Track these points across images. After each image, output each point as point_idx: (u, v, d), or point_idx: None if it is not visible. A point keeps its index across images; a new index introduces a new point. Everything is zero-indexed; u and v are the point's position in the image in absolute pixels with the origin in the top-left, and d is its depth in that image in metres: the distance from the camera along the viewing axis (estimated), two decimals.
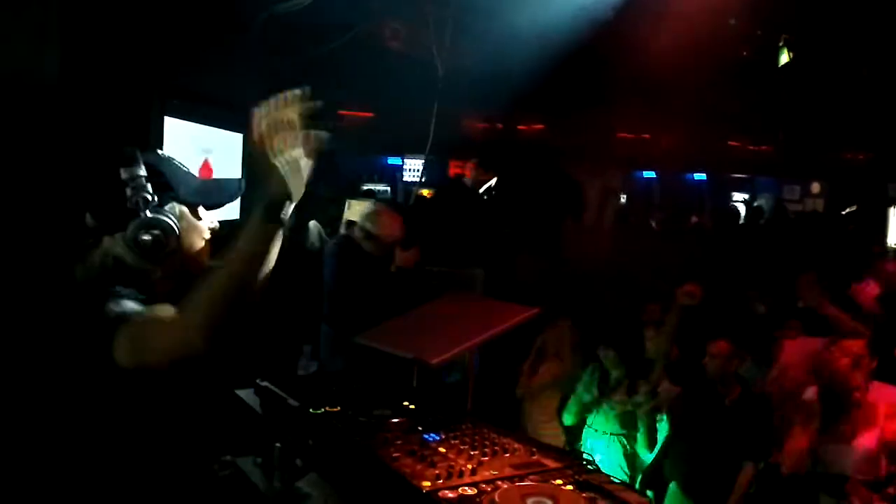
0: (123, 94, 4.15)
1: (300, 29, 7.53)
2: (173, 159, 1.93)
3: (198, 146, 4.57)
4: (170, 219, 1.85)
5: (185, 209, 1.94)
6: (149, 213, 1.82)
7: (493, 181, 13.19)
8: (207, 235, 2.01)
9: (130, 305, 1.78)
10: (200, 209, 2.00)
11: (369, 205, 7.38)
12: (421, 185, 12.01)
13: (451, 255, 6.44)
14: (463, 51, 7.08)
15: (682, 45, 7.45)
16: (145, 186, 1.82)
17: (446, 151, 11.87)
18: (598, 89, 8.51)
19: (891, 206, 12.54)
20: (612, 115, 9.10)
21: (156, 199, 1.85)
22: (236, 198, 2.08)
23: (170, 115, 4.12)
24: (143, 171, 1.84)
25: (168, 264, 1.88)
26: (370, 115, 8.53)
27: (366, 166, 14.41)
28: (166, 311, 1.76)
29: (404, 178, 15.20)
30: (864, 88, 10.02)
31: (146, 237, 1.81)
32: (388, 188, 14.49)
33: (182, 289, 1.76)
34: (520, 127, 9.29)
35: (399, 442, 2.31)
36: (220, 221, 2.05)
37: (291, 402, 2.54)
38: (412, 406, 2.66)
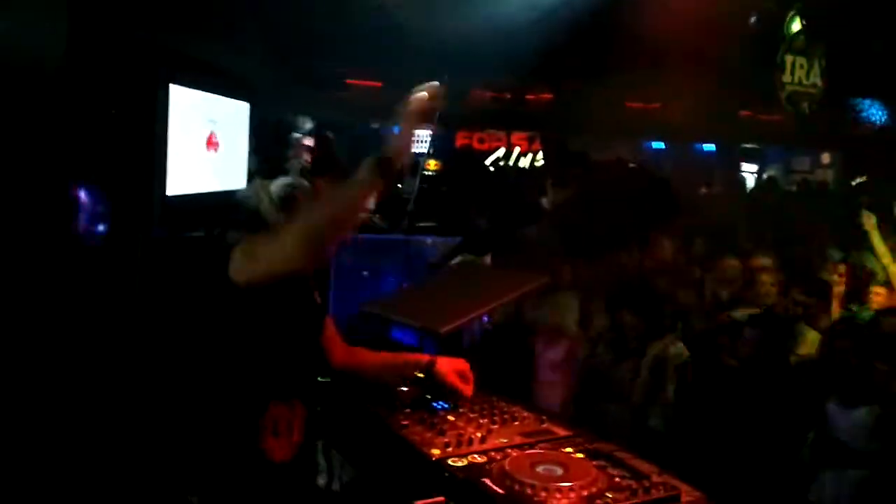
0: (129, 62, 4.13)
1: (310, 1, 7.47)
2: (335, 142, 2.27)
3: (204, 117, 4.53)
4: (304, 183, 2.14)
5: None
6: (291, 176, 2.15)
7: (501, 151, 13.10)
8: None
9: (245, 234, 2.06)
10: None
11: None
12: (429, 156, 11.98)
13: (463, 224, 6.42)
14: (471, 19, 6.99)
15: (691, 12, 7.34)
16: (301, 154, 2.15)
17: (455, 122, 11.81)
18: (607, 58, 8.40)
19: None
20: (621, 84, 8.99)
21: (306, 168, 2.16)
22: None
23: (176, 84, 4.08)
24: (307, 141, 2.14)
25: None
26: (378, 84, 8.45)
27: (374, 137, 14.35)
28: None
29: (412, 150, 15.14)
30: (874, 58, 9.89)
31: (282, 192, 2.11)
32: None
33: None
34: (528, 97, 9.20)
35: (408, 410, 2.31)
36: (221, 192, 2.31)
37: None
38: (421, 375, 2.65)
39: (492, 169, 14.27)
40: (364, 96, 8.36)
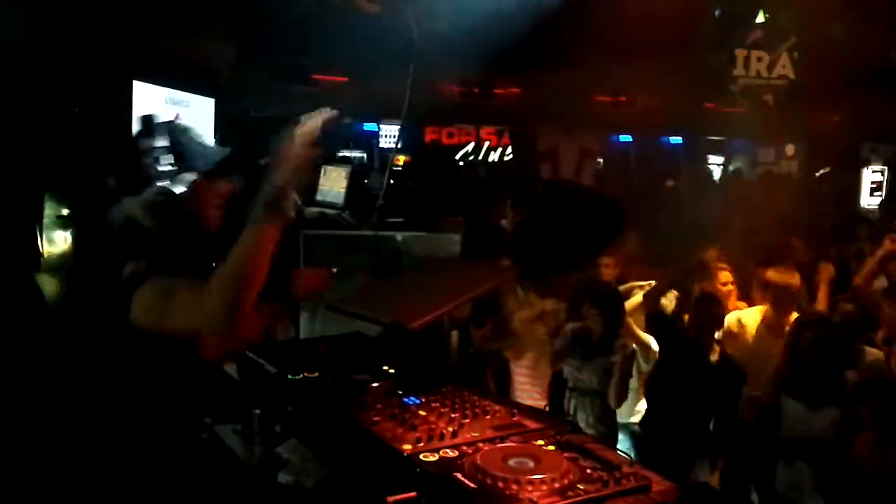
0: (93, 58, 4.05)
1: None
2: (191, 130, 2.06)
3: (168, 113, 4.47)
4: (180, 186, 1.97)
5: (198, 177, 2.06)
6: (162, 181, 1.96)
7: (471, 146, 13.10)
8: (220, 202, 2.14)
9: (147, 268, 1.93)
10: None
11: (345, 170, 7.34)
12: (397, 151, 11.94)
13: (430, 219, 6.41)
14: (438, 13, 6.97)
15: (658, 4, 7.40)
16: (160, 157, 1.95)
17: (423, 117, 11.78)
18: (574, 51, 8.44)
19: (863, 167, 12.66)
20: (588, 77, 9.04)
21: (173, 167, 1.99)
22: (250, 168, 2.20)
23: (139, 80, 4.02)
24: (160, 143, 1.97)
25: (182, 229, 2.01)
26: (344, 79, 8.40)
27: (341, 132, 14.26)
28: (184, 283, 1.87)
29: (380, 145, 15.09)
30: (838, 49, 10.05)
31: (158, 199, 1.96)
32: (364, 155, 14.38)
33: (198, 254, 1.92)
34: (496, 91, 9.20)
35: (379, 406, 2.30)
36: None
37: (269, 368, 2.51)
38: (391, 370, 2.64)
39: (461, 164, 14.28)
40: (330, 91, 8.30)
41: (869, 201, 12.07)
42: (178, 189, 1.98)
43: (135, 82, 4.02)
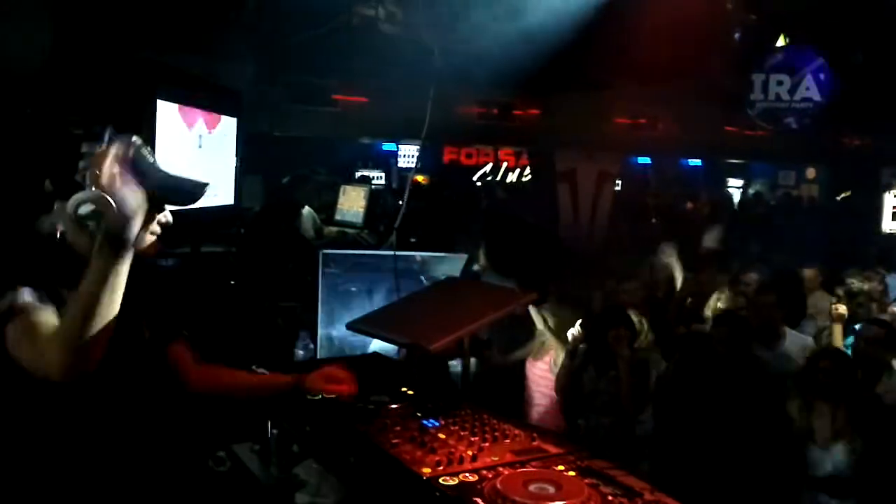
0: (115, 76, 4.09)
1: (293, 12, 7.46)
2: (143, 147, 1.85)
3: (192, 132, 4.51)
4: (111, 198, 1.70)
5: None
6: (93, 190, 1.76)
7: (489, 167, 13.11)
8: (157, 229, 2.00)
9: (26, 298, 1.76)
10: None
11: (364, 190, 7.37)
12: (416, 171, 11.99)
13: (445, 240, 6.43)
14: (459, 34, 7.01)
15: (678, 28, 7.39)
16: (100, 166, 1.73)
17: (441, 137, 11.81)
18: (594, 73, 8.45)
19: (885, 191, 12.54)
20: (608, 99, 9.05)
21: None
22: (192, 202, 2.02)
23: (161, 99, 4.05)
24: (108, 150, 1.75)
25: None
26: (364, 99, 8.44)
27: (360, 152, 14.35)
28: (51, 318, 1.73)
29: (399, 164, 15.16)
30: (859, 73, 10.01)
31: (84, 210, 1.77)
32: (383, 174, 14.45)
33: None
34: (516, 112, 9.22)
35: (398, 428, 2.28)
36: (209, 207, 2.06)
37: None
38: (410, 392, 2.63)
39: (479, 184, 14.31)
40: (351, 111, 8.35)
41: (891, 226, 11.95)
42: (102, 198, 1.73)
43: (159, 102, 4.03)
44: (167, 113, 4.12)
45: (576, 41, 7.33)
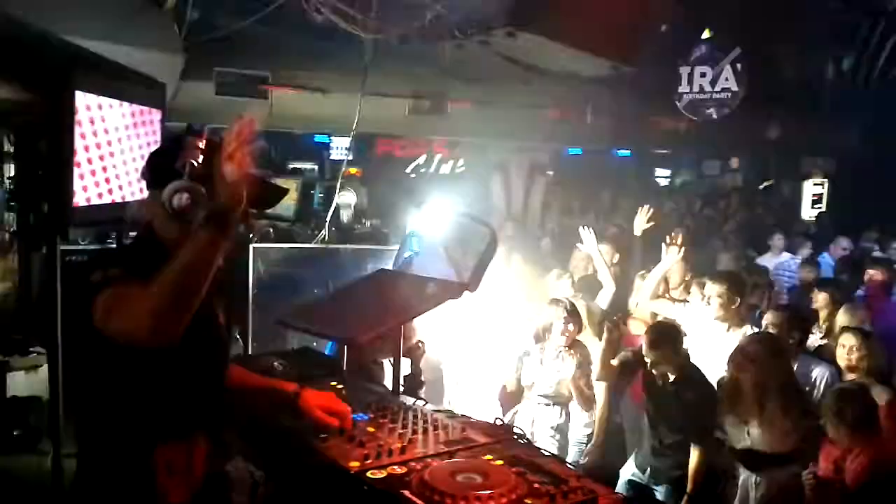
0: (34, 65, 3.95)
1: (223, 2, 7.32)
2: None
3: (112, 124, 4.37)
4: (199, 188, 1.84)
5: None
6: (186, 180, 1.85)
7: (422, 159, 13.12)
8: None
9: (115, 273, 1.84)
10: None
11: (295, 183, 7.29)
12: (348, 163, 11.88)
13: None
14: (390, 27, 6.98)
15: (606, 19, 7.52)
16: (196, 156, 1.85)
17: (375, 129, 11.74)
18: (524, 64, 8.53)
19: (804, 179, 13.02)
20: (539, 91, 9.13)
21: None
22: (273, 206, 2.24)
23: (82, 90, 3.92)
24: (200, 143, 1.87)
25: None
26: (296, 91, 8.33)
27: (292, 144, 14.14)
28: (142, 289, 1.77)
29: (331, 157, 14.99)
30: (780, 65, 10.36)
31: (179, 200, 1.84)
32: (316, 167, 14.27)
33: None
34: (449, 104, 9.22)
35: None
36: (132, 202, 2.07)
37: None
38: (340, 386, 2.62)
39: (412, 176, 14.29)
40: (282, 103, 8.23)
41: (810, 213, 12.40)
42: (195, 187, 1.85)
43: (78, 93, 3.89)
44: (85, 103, 3.98)
45: (505, 33, 7.40)
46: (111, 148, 4.20)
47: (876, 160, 11.35)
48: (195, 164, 1.84)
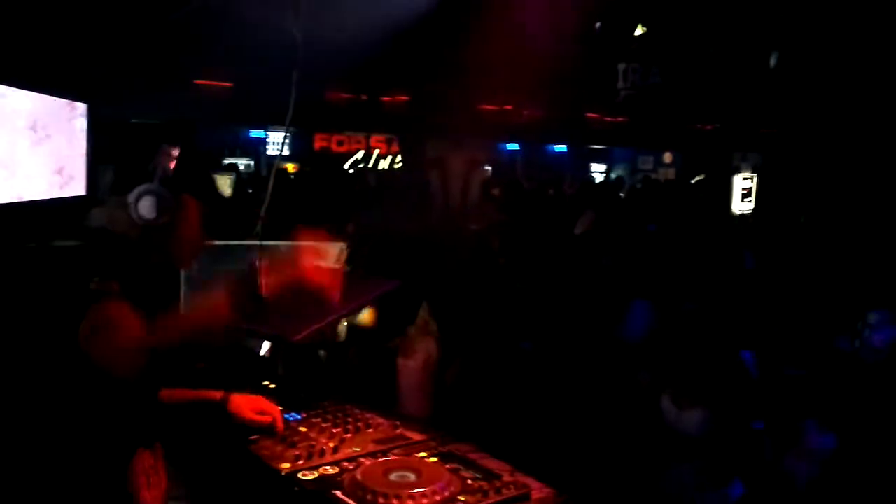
0: None
1: None
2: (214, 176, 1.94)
3: (30, 117, 4.21)
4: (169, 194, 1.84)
5: (194, 204, 2.00)
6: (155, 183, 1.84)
7: (361, 154, 13.05)
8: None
9: (111, 288, 1.82)
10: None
11: (230, 179, 7.16)
12: (284, 158, 11.74)
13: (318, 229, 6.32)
14: (324, 19, 6.91)
15: (540, 17, 7.58)
16: (169, 164, 1.89)
17: (312, 124, 11.63)
18: (461, 60, 8.54)
19: (735, 174, 13.37)
20: (475, 86, 9.16)
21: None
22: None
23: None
24: (174, 151, 1.92)
25: (156, 245, 1.93)
26: (228, 84, 8.19)
27: (227, 139, 13.91)
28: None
29: (268, 152, 14.79)
30: (711, 61, 10.59)
31: (145, 200, 1.83)
32: (252, 162, 14.07)
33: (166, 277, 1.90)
34: (384, 98, 9.19)
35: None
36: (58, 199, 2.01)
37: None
38: (272, 385, 2.57)
39: (351, 171, 14.19)
40: (214, 96, 8.08)
41: (740, 207, 12.73)
42: (162, 191, 1.84)
43: None
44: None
45: (441, 28, 7.39)
46: (25, 141, 4.05)
47: (804, 154, 11.72)
48: (167, 170, 1.82)
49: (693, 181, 13.94)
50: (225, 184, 7.16)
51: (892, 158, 9.51)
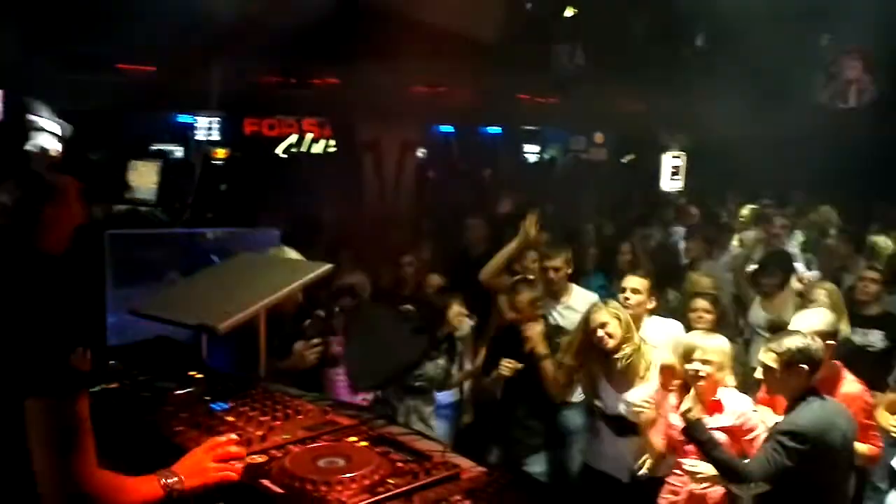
0: None
1: None
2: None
3: None
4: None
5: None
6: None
7: (293, 138, 12.85)
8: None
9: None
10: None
11: (156, 166, 6.95)
12: (213, 143, 11.46)
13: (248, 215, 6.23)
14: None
15: None
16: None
17: (241, 108, 11.37)
18: (392, 42, 8.46)
19: (663, 152, 13.62)
20: (406, 68, 9.10)
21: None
22: None
23: None
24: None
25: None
26: (151, 68, 7.94)
27: (154, 125, 13.50)
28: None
29: (196, 137, 14.42)
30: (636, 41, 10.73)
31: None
32: (182, 148, 13.70)
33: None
34: (314, 81, 9.05)
35: (184, 414, 2.18)
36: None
37: None
38: (200, 376, 2.52)
39: (284, 156, 13.97)
40: (138, 81, 7.83)
41: (669, 185, 12.97)
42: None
43: None
44: None
45: (370, 9, 7.31)
46: None
47: (731, 132, 11.95)
48: (55, 157, 1.68)
49: (624, 160, 14.19)
50: (150, 171, 6.95)
51: None
